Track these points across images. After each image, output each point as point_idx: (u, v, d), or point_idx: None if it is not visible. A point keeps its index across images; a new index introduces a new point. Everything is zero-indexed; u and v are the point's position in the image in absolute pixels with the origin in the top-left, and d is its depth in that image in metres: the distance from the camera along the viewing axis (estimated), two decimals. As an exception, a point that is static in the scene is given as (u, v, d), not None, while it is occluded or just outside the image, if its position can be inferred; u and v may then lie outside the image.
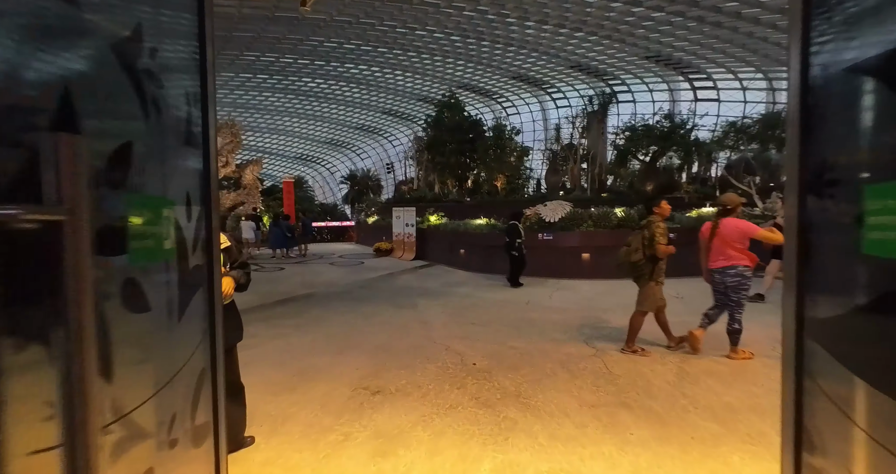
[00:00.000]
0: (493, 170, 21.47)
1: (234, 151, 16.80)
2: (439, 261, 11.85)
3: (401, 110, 37.66)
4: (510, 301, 6.92)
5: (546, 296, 7.29)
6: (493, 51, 29.15)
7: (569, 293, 7.47)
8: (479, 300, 7.04)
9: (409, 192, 25.61)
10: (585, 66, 30.55)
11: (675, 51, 25.99)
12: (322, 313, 6.32)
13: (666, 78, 30.66)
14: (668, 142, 19.85)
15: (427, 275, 10.08)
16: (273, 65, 28.95)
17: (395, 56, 29.40)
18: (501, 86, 34.78)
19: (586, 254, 8.72)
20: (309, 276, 9.71)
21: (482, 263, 10.12)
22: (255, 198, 16.97)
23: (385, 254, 13.39)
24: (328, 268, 11.20)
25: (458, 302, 6.91)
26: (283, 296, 7.50)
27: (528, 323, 5.57)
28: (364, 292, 7.95)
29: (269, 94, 33.02)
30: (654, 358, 4.33)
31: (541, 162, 31.15)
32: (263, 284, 8.70)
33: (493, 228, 10.22)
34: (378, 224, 16.46)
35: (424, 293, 7.74)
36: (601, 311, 6.05)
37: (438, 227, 12.03)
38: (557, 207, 9.24)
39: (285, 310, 6.53)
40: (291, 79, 31.24)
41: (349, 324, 5.70)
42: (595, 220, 8.82)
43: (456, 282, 8.97)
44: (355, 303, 6.98)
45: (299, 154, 48.44)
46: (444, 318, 5.87)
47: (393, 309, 6.54)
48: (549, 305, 6.57)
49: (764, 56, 24.71)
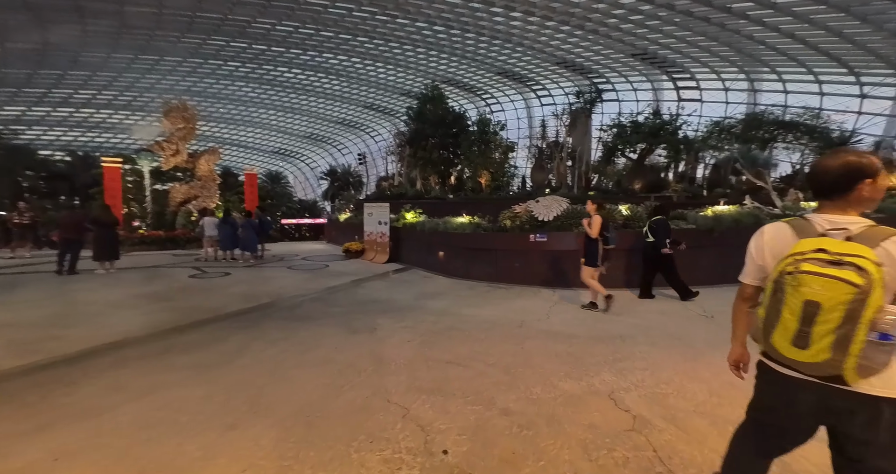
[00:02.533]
0: (478, 166, 19.83)
1: (186, 139, 14.62)
2: (416, 264, 10.14)
3: (382, 104, 35.63)
4: (499, 321, 5.25)
5: (542, 312, 5.66)
6: (478, 44, 27.49)
7: (570, 309, 5.86)
8: (458, 320, 5.36)
9: (389, 189, 23.78)
10: (571, 62, 29.23)
11: (661, 48, 24.88)
12: (245, 342, 4.52)
13: (650, 77, 29.65)
14: (657, 139, 18.63)
15: (399, 282, 8.34)
16: (244, 52, 26.56)
17: (376, 47, 27.44)
18: (486, 82, 33.20)
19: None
20: (255, 284, 7.83)
21: (464, 268, 8.46)
22: (211, 192, 14.82)
23: (355, 255, 11.56)
24: (284, 273, 9.31)
25: (431, 323, 5.21)
26: (207, 313, 5.65)
27: (525, 359, 3.91)
28: (315, 307, 6.16)
29: (242, 83, 30.54)
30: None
31: (525, 159, 29.78)
32: (192, 296, 6.80)
33: (476, 228, 8.56)
34: (350, 222, 14.60)
35: (391, 309, 6.00)
36: (619, 340, 4.45)
37: (415, 226, 10.31)
38: (552, 204, 7.63)
39: (197, 338, 4.70)
40: (266, 68, 28.87)
41: (274, 362, 3.93)
42: (596, 219, 7.24)
43: (432, 292, 7.27)
44: (297, 325, 5.19)
45: (277, 148, 45.74)
46: (408, 352, 4.16)
47: (344, 335, 4.78)
48: (548, 328, 4.93)
49: (748, 56, 23.83)
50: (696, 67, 26.63)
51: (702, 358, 3.86)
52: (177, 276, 8.71)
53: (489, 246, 8.02)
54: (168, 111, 14.52)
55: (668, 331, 4.73)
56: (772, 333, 1.37)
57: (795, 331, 1.29)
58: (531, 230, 7.63)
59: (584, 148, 22.18)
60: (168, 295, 6.79)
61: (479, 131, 20.38)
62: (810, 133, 19.24)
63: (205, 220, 10.95)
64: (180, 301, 6.39)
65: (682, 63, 26.53)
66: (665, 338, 4.48)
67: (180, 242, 13.15)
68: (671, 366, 3.68)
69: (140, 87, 28.95)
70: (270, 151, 46.54)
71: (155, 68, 27.70)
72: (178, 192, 14.76)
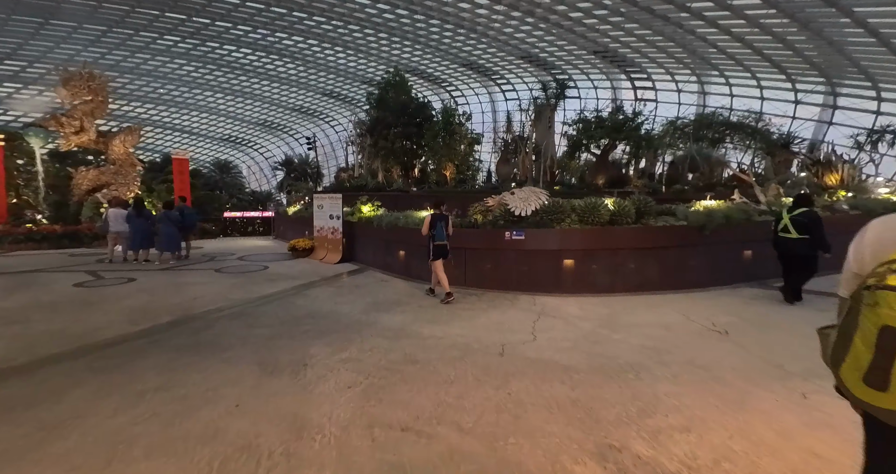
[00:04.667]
0: (442, 157, 18.42)
1: (94, 114, 11.87)
2: (372, 264, 8.63)
3: (342, 92, 33.10)
4: (471, 347, 3.94)
5: (525, 330, 4.42)
6: (443, 33, 25.91)
7: (558, 324, 4.66)
8: (418, 345, 3.98)
9: (349, 180, 21.82)
10: (535, 57, 28.46)
11: (621, 47, 24.66)
12: (91, 398, 2.87)
13: (610, 75, 29.58)
14: (620, 135, 18.18)
15: (350, 287, 6.80)
16: (182, 25, 23.18)
17: (335, 29, 25.05)
18: (450, 73, 31.73)
19: (569, 261, 6.02)
20: (161, 295, 5.97)
21: (427, 269, 7.09)
22: (127, 179, 12.19)
23: (303, 254, 9.81)
24: (208, 277, 7.42)
25: (382, 353, 3.79)
26: (65, 344, 3.88)
27: (515, 418, 2.62)
28: (231, 328, 4.53)
29: (182, 61, 26.89)
30: None
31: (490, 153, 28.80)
32: (61, 314, 4.90)
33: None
34: (300, 216, 12.69)
35: (332, 329, 4.51)
36: (631, 374, 3.28)
37: (372, 221, 8.77)
38: (530, 196, 6.41)
39: (17, 393, 2.97)
40: (210, 45, 25.50)
41: (118, 441, 2.34)
42: (581, 215, 6.12)
43: (388, 300, 5.84)
44: (192, 361, 3.57)
45: (227, 135, 41.51)
46: (346, 410, 2.74)
47: (255, 377, 3.25)
48: (536, 355, 3.69)
49: (700, 58, 24.16)
50: (652, 68, 26.79)
51: (749, 404, 2.77)
52: (57, 284, 6.61)
53: (457, 244, 6.69)
54: (67, 79, 11.65)
55: (685, 356, 3.65)
56: (840, 364, 1.03)
57: (868, 366, 0.95)
58: (506, 226, 6.39)
59: (549, 142, 21.47)
60: (24, 313, 4.85)
61: (443, 121, 18.94)
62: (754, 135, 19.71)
63: (109, 213, 8.65)
64: (37, 323, 4.50)
65: (639, 63, 26.57)
66: (686, 368, 3.38)
67: (84, 239, 10.62)
68: (717, 421, 2.55)
69: (54, 59, 24.40)
70: (219, 138, 42.14)
71: (72, 37, 23.55)
72: (83, 178, 11.97)
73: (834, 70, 21.07)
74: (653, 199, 6.73)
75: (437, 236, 5.69)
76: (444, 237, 5.72)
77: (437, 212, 5.82)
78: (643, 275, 6.10)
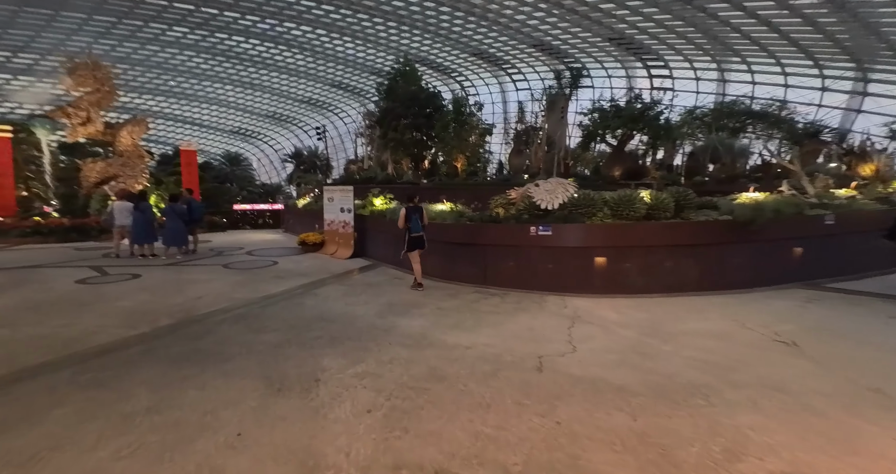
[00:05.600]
0: (454, 148, 17.77)
1: (100, 105, 11.48)
2: (385, 259, 8.15)
3: (351, 83, 32.42)
4: (504, 359, 3.44)
5: (562, 338, 3.90)
6: (453, 21, 25.02)
7: (597, 332, 4.13)
8: (443, 357, 3.49)
9: (358, 172, 21.31)
10: (547, 45, 27.40)
11: (638, 33, 23.54)
12: (73, 422, 2.43)
13: (625, 63, 28.41)
14: (638, 125, 17.31)
15: (363, 286, 6.33)
16: (191, 16, 22.66)
17: (343, 18, 24.29)
18: (460, 63, 30.80)
19: (601, 259, 5.46)
20: (163, 293, 5.57)
21: (444, 267, 6.59)
22: (135, 171, 11.84)
23: (313, 249, 9.37)
24: (214, 274, 7.01)
25: (403, 366, 3.30)
26: (51, 351, 3.47)
27: (571, 456, 2.11)
28: (235, 333, 4.09)
29: (192, 52, 26.44)
30: None
31: (500, 145, 28.02)
32: (54, 316, 4.50)
33: (460, 217, 6.66)
34: (310, 208, 12.24)
35: (345, 335, 4.03)
36: (699, 397, 2.74)
37: (385, 214, 8.27)
38: (556, 188, 5.83)
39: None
40: (219, 36, 24.99)
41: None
42: (614, 208, 5.53)
43: (405, 301, 5.35)
44: (189, 374, 3.13)
45: (237, 128, 41.20)
46: (365, 445, 2.26)
47: (260, 397, 2.79)
48: (580, 372, 3.17)
49: (721, 44, 22.95)
50: (669, 55, 25.60)
51: (861, 444, 2.21)
52: (57, 281, 6.25)
53: (477, 240, 6.17)
54: (73, 69, 11.26)
55: (755, 374, 3.10)
56: None
57: None
58: (531, 221, 5.83)
59: (561, 133, 20.67)
60: (14, 315, 4.47)
61: (454, 111, 18.25)
62: (779, 124, 18.68)
63: (115, 206, 8.28)
64: (26, 326, 4.11)
65: (657, 50, 25.40)
66: (763, 391, 2.83)
67: (92, 232, 10.32)
68: (829, 469, 2.01)
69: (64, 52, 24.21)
70: (229, 131, 41.86)
71: (83, 29, 23.22)
72: (91, 171, 11.65)
73: (866, 54, 19.77)
74: (693, 191, 6.09)
75: (412, 228, 5.77)
76: (419, 229, 5.80)
77: (412, 205, 5.89)
78: (681, 274, 5.52)
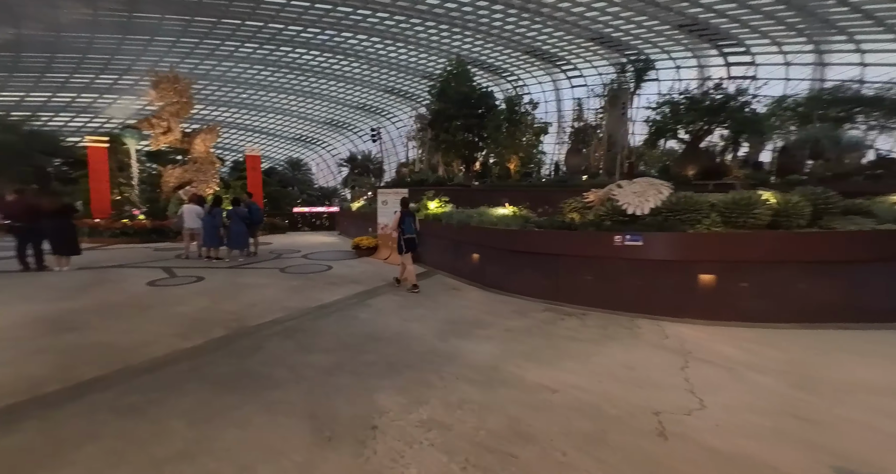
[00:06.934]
0: (508, 149, 16.85)
1: (179, 115, 12.24)
2: (440, 266, 7.54)
3: (403, 88, 32.67)
4: (606, 413, 2.59)
5: (677, 384, 2.95)
6: (506, 20, 24.08)
7: (723, 376, 3.11)
8: (525, 403, 2.71)
9: (409, 175, 21.13)
10: (607, 37, 25.43)
11: (715, 16, 20.93)
12: (94, 469, 2.05)
13: (697, 52, 25.51)
14: (718, 117, 15.14)
15: (418, 297, 5.73)
16: (260, 32, 24.06)
17: (397, 24, 24.38)
18: (511, 62, 29.71)
19: (708, 276, 4.34)
20: (222, 299, 5.39)
21: (506, 277, 5.80)
22: (208, 176, 12.49)
23: (367, 253, 9.03)
24: (270, 278, 6.84)
25: (476, 413, 2.59)
26: (102, 365, 3.24)
27: None
28: (283, 351, 3.64)
29: (260, 66, 28.16)
30: None
31: (553, 145, 26.46)
32: (117, 321, 4.41)
33: (525, 222, 5.83)
34: (363, 211, 12.05)
35: (402, 362, 3.40)
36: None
37: (440, 219, 7.67)
38: (647, 190, 4.79)
39: (24, 444, 2.26)
40: (284, 49, 26.33)
41: None
42: (726, 214, 4.40)
43: (466, 319, 4.65)
44: (230, 403, 2.65)
45: (298, 135, 43.52)
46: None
47: (305, 444, 2.22)
48: (728, 448, 2.23)
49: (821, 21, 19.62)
50: (752, 39, 22.48)
51: None
52: (132, 281, 6.39)
53: (547, 249, 5.31)
54: (157, 82, 12.16)
55: None
56: None
57: None
58: (614, 228, 4.85)
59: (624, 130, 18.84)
60: (81, 319, 4.43)
61: (507, 110, 17.32)
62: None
63: (184, 209, 8.55)
64: (87, 332, 4.01)
65: (736, 34, 22.44)
66: None
67: (169, 233, 10.97)
68: None
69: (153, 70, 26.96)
70: (291, 138, 44.36)
71: (172, 51, 25.61)
72: (171, 176, 12.52)
73: None
74: (835, 193, 4.71)
75: (406, 230, 6.10)
76: (412, 231, 6.14)
77: (405, 210, 6.22)
78: (821, 299, 4.22)
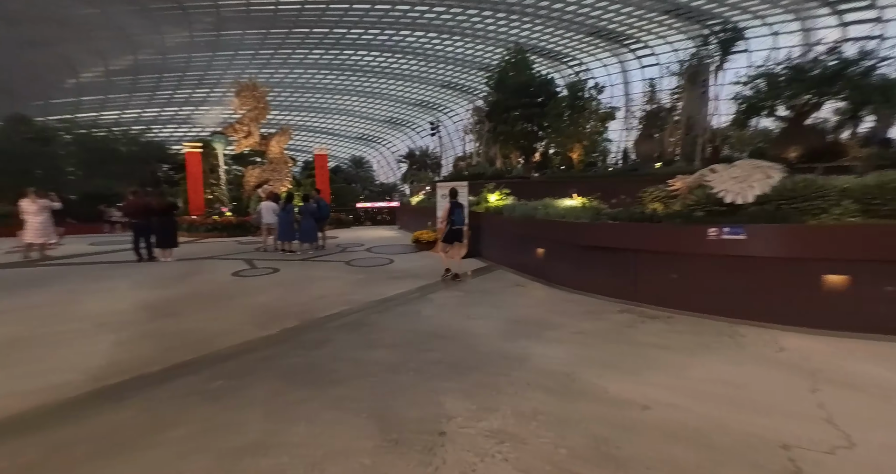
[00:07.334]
0: (571, 137, 15.85)
1: (257, 120, 13.38)
2: (502, 261, 7.25)
3: (459, 82, 32.46)
4: (716, 440, 2.16)
5: (809, 412, 2.38)
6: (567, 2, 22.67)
7: (873, 406, 2.44)
8: (611, 421, 2.36)
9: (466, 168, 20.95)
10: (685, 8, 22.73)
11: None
12: (180, 454, 2.17)
13: (801, 13, 21.75)
14: (833, 88, 12.64)
15: (480, 294, 5.50)
16: (326, 39, 25.39)
17: (454, 17, 24.17)
18: (573, 46, 27.92)
19: (837, 277, 3.52)
20: (293, 290, 5.69)
21: (576, 273, 5.35)
22: (282, 175, 13.55)
23: (426, 246, 9.06)
24: (337, 271, 7.12)
25: (553, 427, 2.30)
26: (189, 350, 3.53)
27: None
28: (348, 345, 3.65)
29: (326, 71, 29.84)
30: None
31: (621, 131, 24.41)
32: (205, 309, 4.83)
33: (598, 215, 5.30)
34: (423, 206, 12.15)
35: (465, 363, 3.21)
36: None
37: (502, 211, 7.37)
38: (752, 174, 4.03)
39: (124, 422, 2.49)
40: (347, 53, 27.55)
41: None
42: (865, 202, 3.53)
43: (533, 318, 4.34)
44: (300, 397, 2.68)
45: (360, 134, 45.62)
46: None
47: (372, 448, 2.14)
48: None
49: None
50: (880, -11, 18.54)
51: None
52: (219, 272, 7.07)
53: (624, 243, 4.76)
54: (239, 91, 13.44)
55: None
56: None
57: None
58: (707, 219, 4.17)
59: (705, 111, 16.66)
60: (179, 306, 4.95)
61: (569, 97, 16.24)
62: None
63: (262, 206, 9.34)
64: (184, 318, 4.44)
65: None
66: None
67: (251, 229, 12.11)
68: None
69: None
70: (354, 137, 46.67)
71: (252, 62, 28.11)
72: (251, 176, 13.84)
73: None
74: None
75: (455, 221, 6.01)
76: (462, 222, 6.11)
77: (454, 201, 6.15)
78: None
